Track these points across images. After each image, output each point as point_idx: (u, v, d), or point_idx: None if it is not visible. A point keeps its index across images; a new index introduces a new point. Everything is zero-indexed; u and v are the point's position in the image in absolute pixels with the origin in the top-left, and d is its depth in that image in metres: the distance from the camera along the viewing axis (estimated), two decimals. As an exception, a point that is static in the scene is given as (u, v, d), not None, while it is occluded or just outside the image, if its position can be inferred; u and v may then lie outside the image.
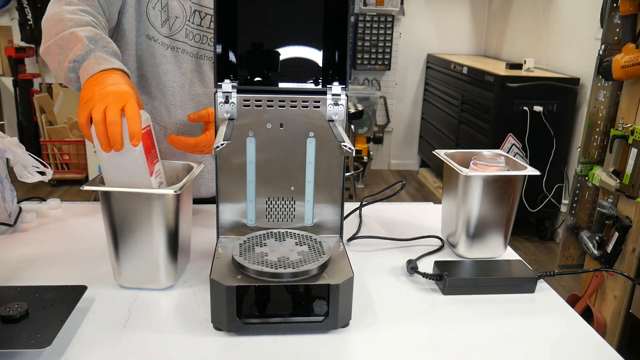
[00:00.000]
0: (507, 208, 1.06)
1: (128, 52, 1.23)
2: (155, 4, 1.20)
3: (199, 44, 1.25)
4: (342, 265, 0.86)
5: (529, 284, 0.99)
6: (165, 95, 1.26)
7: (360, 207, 1.32)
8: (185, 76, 1.26)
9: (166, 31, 1.22)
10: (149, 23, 1.21)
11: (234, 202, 0.98)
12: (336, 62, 0.94)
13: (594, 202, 2.22)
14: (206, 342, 0.81)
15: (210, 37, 1.25)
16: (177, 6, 1.21)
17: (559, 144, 3.41)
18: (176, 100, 1.26)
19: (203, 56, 1.26)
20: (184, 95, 1.27)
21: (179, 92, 1.26)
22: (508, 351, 0.82)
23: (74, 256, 1.06)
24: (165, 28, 1.22)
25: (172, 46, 1.23)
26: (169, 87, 1.25)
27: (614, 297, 2.04)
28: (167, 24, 1.21)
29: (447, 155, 1.13)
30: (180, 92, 1.26)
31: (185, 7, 1.22)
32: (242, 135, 0.94)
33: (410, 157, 5.18)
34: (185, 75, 1.26)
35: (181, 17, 1.22)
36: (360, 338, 0.83)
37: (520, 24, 4.22)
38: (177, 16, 1.22)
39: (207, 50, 1.26)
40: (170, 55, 1.23)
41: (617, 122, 2.06)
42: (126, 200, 0.88)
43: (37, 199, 1.34)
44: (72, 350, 0.77)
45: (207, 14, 1.24)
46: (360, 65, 4.75)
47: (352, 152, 0.79)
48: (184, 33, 1.23)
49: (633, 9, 1.91)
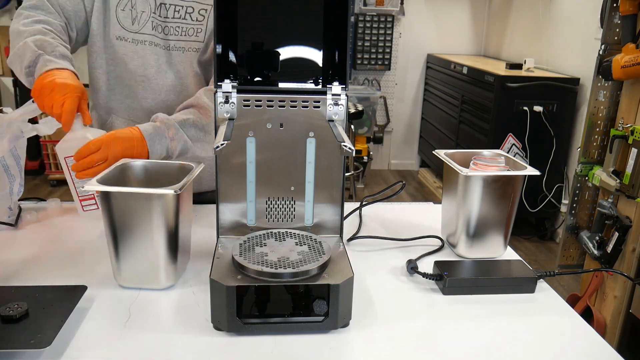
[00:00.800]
0: (507, 208, 1.06)
1: (100, 56, 1.29)
2: (125, 5, 1.26)
3: (166, 35, 1.29)
4: (342, 265, 0.86)
5: (529, 284, 0.99)
6: (136, 89, 1.30)
7: (360, 207, 1.32)
8: (155, 68, 1.29)
9: (136, 28, 1.27)
10: (119, 25, 1.27)
11: (234, 202, 0.98)
12: (336, 62, 0.94)
13: (594, 202, 2.22)
14: (206, 342, 0.81)
15: (175, 27, 1.29)
16: (142, 1, 1.27)
17: (559, 144, 3.41)
18: (147, 93, 1.30)
19: (173, 47, 1.30)
20: (154, 87, 1.31)
21: (149, 85, 1.30)
22: (508, 351, 0.82)
23: (74, 256, 1.06)
24: (135, 25, 1.27)
25: (141, 40, 1.28)
26: (139, 82, 1.30)
27: (614, 297, 2.04)
28: (137, 21, 1.26)
29: (447, 155, 1.13)
30: (150, 85, 1.30)
31: (149, 1, 1.27)
32: (242, 135, 0.94)
33: (410, 157, 5.18)
34: (157, 67, 1.29)
35: (147, 11, 1.27)
36: (360, 338, 0.83)
37: (520, 24, 4.22)
38: (142, 11, 1.27)
39: (174, 41, 1.30)
40: (138, 50, 1.28)
41: (617, 122, 2.06)
42: (126, 200, 0.88)
43: (37, 199, 1.34)
44: (72, 350, 0.77)
45: (171, 4, 1.28)
46: (360, 65, 4.74)
47: (352, 152, 0.79)
48: (150, 26, 1.28)
49: (633, 9, 1.91)
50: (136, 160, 1.04)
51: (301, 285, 0.83)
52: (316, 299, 0.82)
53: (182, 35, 1.29)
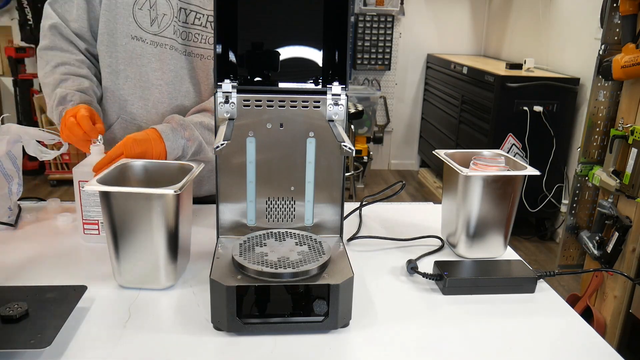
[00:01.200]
0: (507, 208, 1.06)
1: (109, 55, 1.27)
2: (143, 4, 1.23)
3: (185, 41, 1.27)
4: (342, 265, 0.86)
5: (529, 284, 0.99)
6: (152, 93, 1.28)
7: (360, 207, 1.32)
8: (173, 73, 1.28)
9: (155, 29, 1.24)
10: (135, 24, 1.24)
11: (234, 202, 0.98)
12: (336, 62, 0.94)
13: (594, 202, 2.22)
14: (206, 342, 0.81)
15: (195, 34, 1.27)
16: (165, 4, 1.24)
17: (559, 144, 3.41)
18: (164, 97, 1.28)
19: (191, 53, 1.28)
20: (172, 92, 1.29)
21: (166, 90, 1.28)
22: (508, 351, 0.82)
23: (74, 256, 1.06)
24: (155, 27, 1.24)
25: (161, 43, 1.25)
26: (156, 85, 1.28)
27: (614, 297, 2.04)
28: (156, 22, 1.24)
29: (447, 155, 1.13)
30: (167, 90, 1.28)
31: (172, 5, 1.25)
32: (242, 135, 0.94)
33: (410, 157, 5.18)
34: (175, 72, 1.28)
35: (169, 14, 1.25)
36: (360, 338, 0.83)
37: (520, 24, 4.22)
38: (164, 14, 1.24)
39: (194, 47, 1.28)
40: (158, 54, 1.26)
41: (617, 122, 2.06)
42: (126, 200, 0.88)
43: (37, 199, 1.34)
44: (72, 350, 0.77)
45: (191, 10, 1.26)
46: (360, 65, 4.74)
47: (352, 152, 0.79)
48: (172, 30, 1.25)
49: (633, 9, 1.91)
50: (136, 160, 1.04)
51: (301, 285, 0.83)
52: (316, 299, 0.82)
53: (202, 42, 1.28)
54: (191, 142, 1.19)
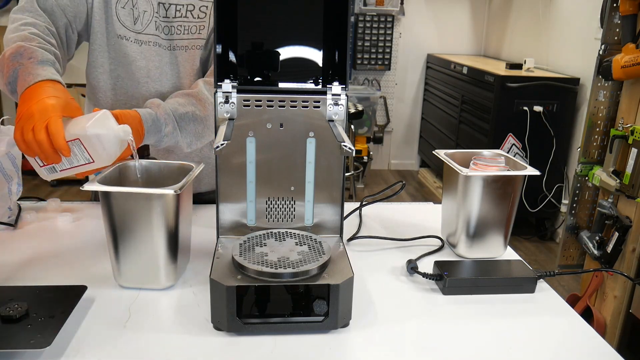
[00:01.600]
0: (507, 208, 1.06)
1: (102, 54, 1.27)
2: (125, 3, 1.24)
3: (169, 35, 1.28)
4: (342, 265, 0.86)
5: (529, 284, 0.99)
6: (140, 91, 1.29)
7: (360, 207, 1.32)
8: (159, 70, 1.28)
9: (138, 28, 1.25)
10: (119, 23, 1.25)
11: (234, 202, 0.98)
12: (336, 62, 0.94)
13: (594, 202, 2.22)
14: (206, 342, 0.81)
15: (177, 26, 1.28)
16: (144, 1, 1.25)
17: (559, 144, 3.41)
18: (152, 95, 1.29)
19: (175, 47, 1.29)
20: (159, 89, 1.30)
21: (153, 87, 1.29)
22: (508, 351, 0.82)
23: (74, 256, 1.06)
24: (138, 25, 1.25)
25: (145, 41, 1.26)
26: (142, 83, 1.28)
27: (614, 297, 2.04)
28: (139, 21, 1.25)
29: (447, 155, 1.13)
30: (155, 87, 1.29)
31: (152, 1, 1.25)
32: (242, 135, 0.94)
33: (410, 157, 5.18)
34: (161, 69, 1.29)
35: (149, 11, 1.25)
36: (360, 338, 0.83)
37: (520, 24, 4.22)
38: (145, 10, 1.25)
39: (178, 40, 1.29)
40: (143, 51, 1.27)
41: (617, 122, 2.06)
42: (126, 200, 0.88)
43: (36, 199, 1.34)
44: (72, 350, 0.77)
45: (170, 4, 1.26)
46: (360, 65, 4.75)
47: (352, 152, 0.79)
48: (154, 26, 1.26)
49: (633, 9, 1.91)
50: (136, 161, 1.04)
51: (301, 285, 0.83)
52: (316, 299, 0.82)
53: (185, 33, 1.28)
54: (168, 137, 1.17)
